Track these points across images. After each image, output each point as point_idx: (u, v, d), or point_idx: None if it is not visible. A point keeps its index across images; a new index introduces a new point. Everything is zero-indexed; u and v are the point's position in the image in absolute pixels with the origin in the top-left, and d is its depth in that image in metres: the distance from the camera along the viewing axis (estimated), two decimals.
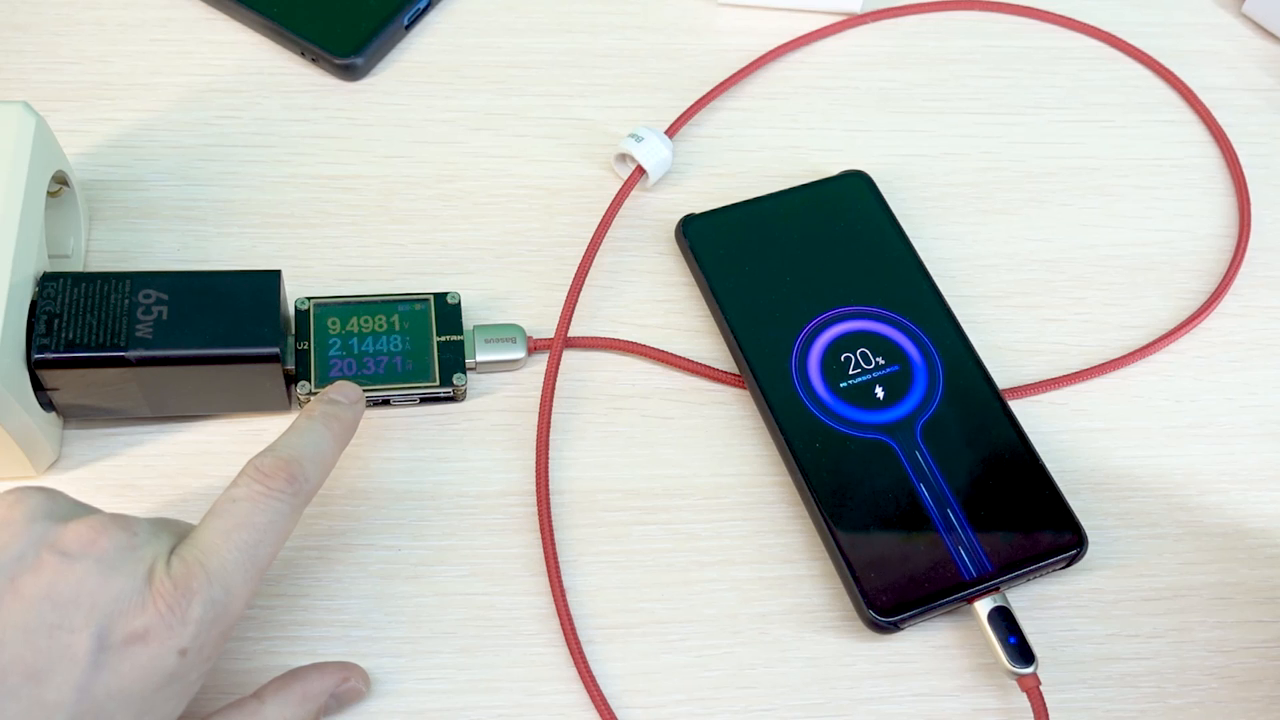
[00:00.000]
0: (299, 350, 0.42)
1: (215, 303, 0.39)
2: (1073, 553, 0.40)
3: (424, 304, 0.43)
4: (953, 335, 0.44)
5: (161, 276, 0.40)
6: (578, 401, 0.44)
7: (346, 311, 0.43)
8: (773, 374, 0.43)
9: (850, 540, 0.40)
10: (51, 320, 0.38)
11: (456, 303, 0.43)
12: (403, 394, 0.42)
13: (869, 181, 0.48)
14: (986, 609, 0.39)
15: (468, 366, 0.43)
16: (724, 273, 0.45)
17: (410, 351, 0.42)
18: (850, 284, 0.45)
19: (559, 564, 0.40)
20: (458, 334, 0.43)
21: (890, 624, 0.39)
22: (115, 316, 0.39)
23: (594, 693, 0.38)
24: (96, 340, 0.38)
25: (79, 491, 0.36)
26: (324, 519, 0.41)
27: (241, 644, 0.38)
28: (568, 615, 0.39)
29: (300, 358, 0.41)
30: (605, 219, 0.47)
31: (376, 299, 0.43)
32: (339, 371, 0.41)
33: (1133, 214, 0.50)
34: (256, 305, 0.40)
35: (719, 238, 0.46)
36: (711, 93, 0.51)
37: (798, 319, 0.44)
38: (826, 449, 0.42)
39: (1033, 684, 0.38)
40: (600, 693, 0.38)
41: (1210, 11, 0.56)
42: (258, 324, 0.39)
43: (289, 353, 0.41)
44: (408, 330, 0.42)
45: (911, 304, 0.45)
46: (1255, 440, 0.45)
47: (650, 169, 0.47)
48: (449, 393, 0.42)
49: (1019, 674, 0.38)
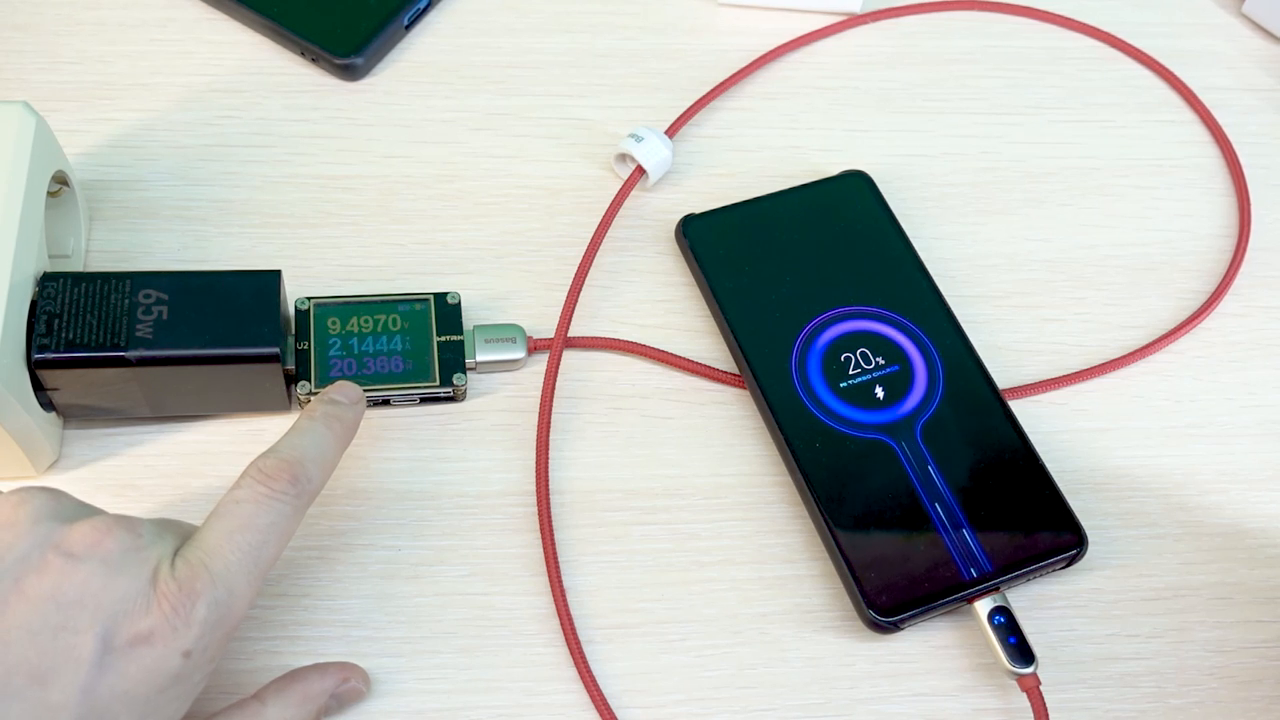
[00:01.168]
0: (299, 350, 0.42)
1: (215, 303, 0.39)
2: (1073, 553, 0.40)
3: (424, 304, 0.43)
4: (953, 335, 0.44)
5: (161, 276, 0.40)
6: (577, 401, 0.44)
7: (346, 311, 0.43)
8: (773, 374, 0.43)
9: (850, 540, 0.40)
10: (51, 320, 0.38)
11: (456, 303, 0.43)
12: (403, 394, 0.42)
13: (869, 181, 0.48)
14: (986, 609, 0.39)
15: (468, 366, 0.43)
16: (724, 273, 0.45)
17: (410, 351, 0.42)
18: (850, 284, 0.45)
19: (559, 564, 0.40)
20: (458, 334, 0.43)
21: (890, 624, 0.39)
22: (115, 316, 0.39)
23: (594, 693, 0.38)
24: (96, 340, 0.38)
25: (79, 491, 0.36)
26: (325, 519, 0.41)
27: (243, 644, 0.38)
28: (568, 615, 0.39)
29: (300, 357, 0.41)
30: (605, 219, 0.47)
31: (376, 299, 0.43)
32: (339, 371, 0.41)
33: (1132, 214, 0.50)
34: (257, 305, 0.40)
35: (719, 238, 0.46)
36: (711, 93, 0.51)
37: (798, 319, 0.44)
38: (826, 449, 0.42)
39: (1033, 684, 0.38)
40: (600, 692, 0.38)
41: (1210, 11, 0.56)
42: (258, 324, 0.39)
43: (289, 353, 0.41)
44: (408, 330, 0.42)
45: (911, 304, 0.45)
46: (1255, 440, 0.45)
47: (650, 169, 0.47)
48: (449, 393, 0.42)
49: (1019, 674, 0.38)
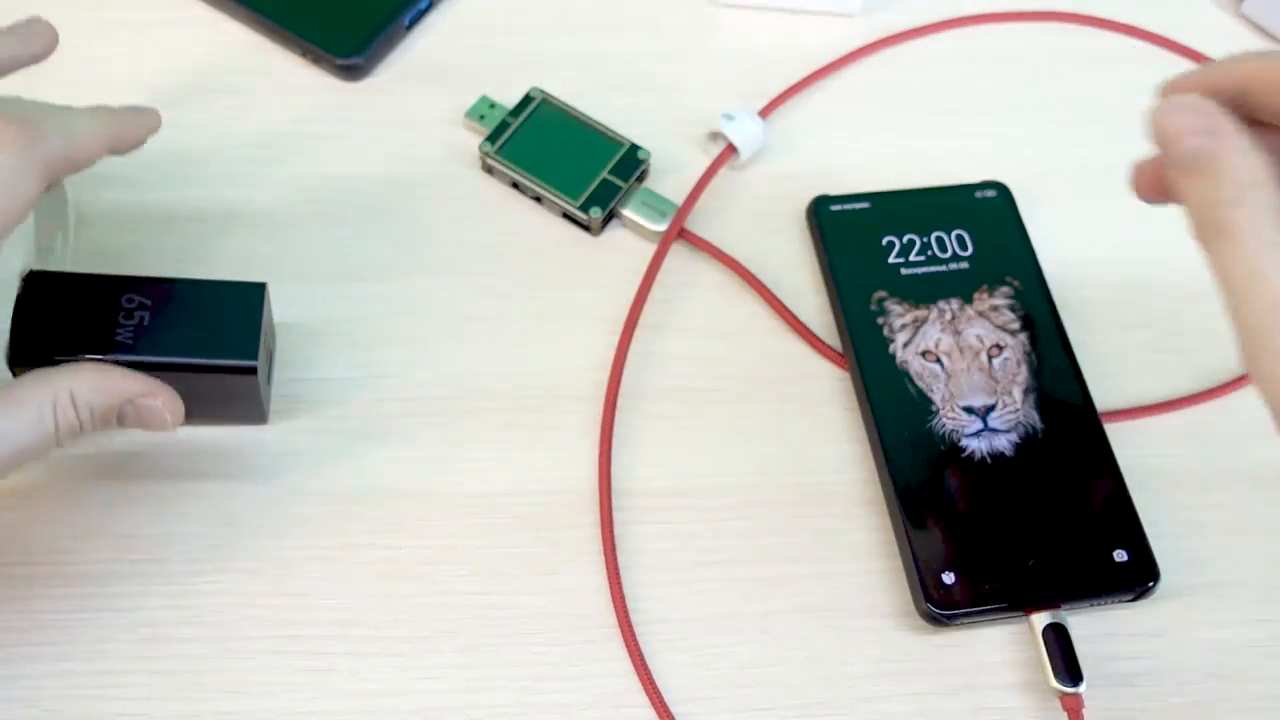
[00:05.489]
0: (504, 121, 0.47)
1: (198, 312, 0.40)
2: (1144, 587, 0.40)
3: (617, 145, 0.48)
4: (1062, 354, 0.44)
5: (146, 282, 0.40)
6: (579, 401, 0.44)
7: (560, 117, 0.48)
8: (876, 361, 0.44)
9: (918, 531, 0.40)
10: (33, 319, 0.38)
11: (644, 159, 0.47)
12: (552, 198, 0.46)
13: (1008, 194, 0.48)
14: (1043, 623, 0.39)
15: (614, 211, 0.46)
16: (846, 256, 0.46)
17: (577, 171, 0.46)
18: (969, 290, 0.45)
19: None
20: (624, 181, 0.47)
21: (944, 617, 0.39)
22: (97, 319, 0.39)
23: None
24: (76, 343, 0.38)
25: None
26: (324, 519, 0.41)
27: (243, 643, 0.38)
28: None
29: (501, 126, 0.47)
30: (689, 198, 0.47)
31: (587, 121, 0.48)
32: (515, 148, 0.47)
33: None
34: (239, 318, 0.40)
35: (849, 223, 0.47)
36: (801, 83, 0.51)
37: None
38: (915, 441, 0.42)
39: (1076, 705, 0.38)
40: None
41: (1208, 11, 0.56)
42: (238, 337, 0.39)
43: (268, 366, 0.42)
44: (590, 154, 0.47)
45: (1027, 319, 0.45)
46: (1255, 440, 0.45)
47: (741, 146, 0.48)
48: (585, 219, 0.46)
49: (1065, 692, 0.38)
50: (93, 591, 0.39)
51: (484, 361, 0.44)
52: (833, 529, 0.42)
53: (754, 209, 0.48)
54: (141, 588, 0.39)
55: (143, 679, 0.38)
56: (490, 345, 0.45)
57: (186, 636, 0.38)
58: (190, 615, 0.39)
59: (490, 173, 0.48)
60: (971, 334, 0.44)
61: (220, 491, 0.41)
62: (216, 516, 0.41)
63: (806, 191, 0.48)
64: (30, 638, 0.38)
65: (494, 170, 0.47)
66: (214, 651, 0.38)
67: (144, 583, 0.39)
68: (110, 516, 0.40)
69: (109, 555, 0.40)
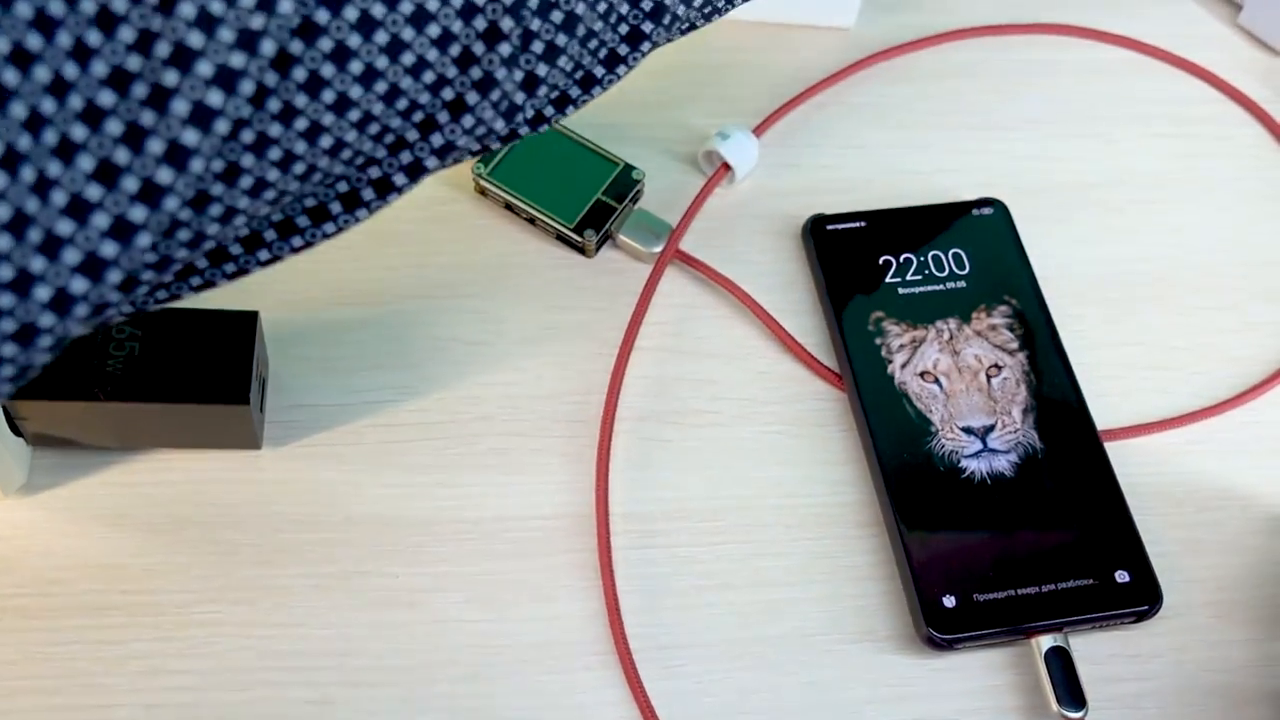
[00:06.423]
0: None
1: (188, 343, 0.39)
2: (1144, 609, 0.40)
3: (611, 165, 0.47)
4: (1061, 373, 0.44)
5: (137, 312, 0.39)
6: (575, 425, 0.43)
7: (557, 137, 0.48)
8: (874, 380, 0.43)
9: (919, 552, 0.40)
10: None
11: (637, 180, 0.47)
12: (545, 220, 0.46)
13: (1005, 211, 0.48)
14: (1045, 646, 0.39)
15: (609, 233, 0.46)
16: (842, 274, 0.46)
17: (571, 192, 0.46)
18: (968, 309, 0.45)
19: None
20: (618, 202, 0.46)
21: (945, 641, 0.39)
22: (87, 350, 0.39)
23: None
24: (66, 374, 0.38)
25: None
26: (319, 546, 0.40)
27: (237, 674, 0.38)
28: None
29: None
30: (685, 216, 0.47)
31: (584, 141, 0.48)
32: (509, 165, 0.47)
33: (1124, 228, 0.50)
34: (230, 349, 0.40)
35: (845, 241, 0.46)
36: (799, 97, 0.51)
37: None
38: (915, 463, 0.42)
39: None
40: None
41: (1205, 23, 0.56)
42: (230, 370, 0.39)
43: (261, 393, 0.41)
44: (583, 175, 0.47)
45: (1025, 338, 0.45)
46: (1253, 456, 0.44)
47: (737, 166, 0.48)
48: (579, 241, 0.46)
49: (1069, 717, 0.38)
50: (85, 624, 0.39)
51: (479, 386, 0.44)
52: (831, 552, 0.41)
53: (749, 228, 0.48)
54: (133, 619, 0.39)
55: (138, 713, 0.37)
56: (485, 369, 0.44)
57: (181, 669, 0.38)
58: (184, 647, 0.38)
59: (484, 195, 0.48)
60: (970, 354, 0.44)
61: (213, 519, 0.41)
62: (209, 545, 0.40)
63: (802, 210, 0.48)
64: (21, 670, 0.38)
65: (487, 192, 0.47)
66: (209, 684, 0.38)
67: (136, 614, 0.39)
68: (101, 547, 0.40)
69: (100, 586, 0.39)
